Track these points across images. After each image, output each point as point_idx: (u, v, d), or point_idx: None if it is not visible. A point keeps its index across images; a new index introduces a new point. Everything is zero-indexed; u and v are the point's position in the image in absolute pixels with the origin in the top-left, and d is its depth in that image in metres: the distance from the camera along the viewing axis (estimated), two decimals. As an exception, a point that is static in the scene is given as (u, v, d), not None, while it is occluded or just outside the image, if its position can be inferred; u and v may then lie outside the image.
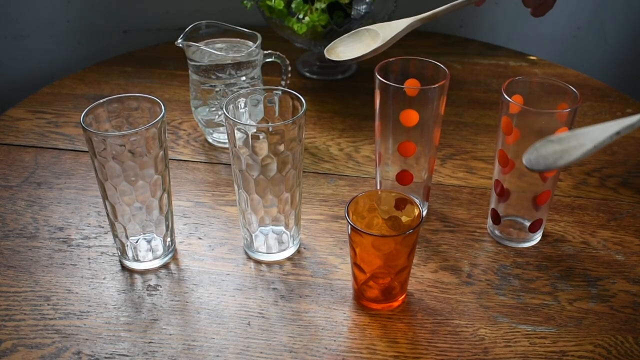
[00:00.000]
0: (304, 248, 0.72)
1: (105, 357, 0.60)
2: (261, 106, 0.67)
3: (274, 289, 0.67)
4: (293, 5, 0.94)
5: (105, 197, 0.65)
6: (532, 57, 1.10)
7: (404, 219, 0.63)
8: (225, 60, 0.81)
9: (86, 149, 0.63)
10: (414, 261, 0.69)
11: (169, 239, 0.69)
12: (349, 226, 0.60)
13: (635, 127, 0.55)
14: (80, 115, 0.61)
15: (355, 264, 0.62)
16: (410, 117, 0.68)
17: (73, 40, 1.23)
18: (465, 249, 0.72)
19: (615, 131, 0.54)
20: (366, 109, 0.96)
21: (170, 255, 0.70)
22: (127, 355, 0.60)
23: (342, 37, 0.73)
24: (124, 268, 0.69)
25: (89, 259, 0.70)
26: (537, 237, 0.72)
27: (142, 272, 0.69)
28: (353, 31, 0.73)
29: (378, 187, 0.76)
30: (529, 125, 0.64)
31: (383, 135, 0.71)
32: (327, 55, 0.71)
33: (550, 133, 0.63)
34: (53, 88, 1.01)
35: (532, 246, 0.72)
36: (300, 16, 0.94)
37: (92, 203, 0.78)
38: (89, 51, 1.23)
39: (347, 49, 0.72)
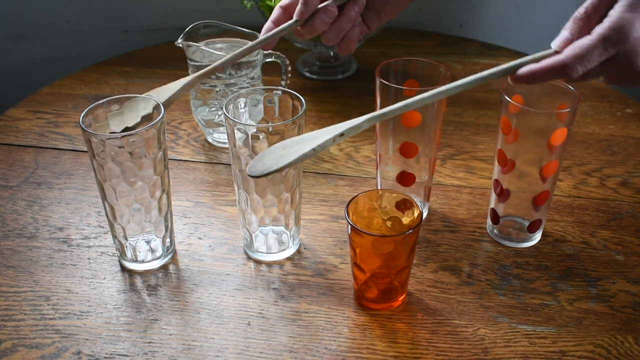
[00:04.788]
0: (304, 248, 0.72)
1: (105, 357, 0.60)
2: (261, 106, 0.67)
3: (274, 289, 0.67)
4: (293, 5, 0.94)
5: (104, 197, 0.65)
6: (532, 57, 1.10)
7: (404, 219, 0.63)
8: (225, 60, 0.81)
9: (86, 149, 0.63)
10: (414, 261, 0.69)
11: (168, 240, 0.69)
12: (349, 226, 0.60)
13: (362, 128, 0.56)
14: (80, 115, 0.61)
15: (355, 264, 0.62)
16: (412, 118, 0.68)
17: (73, 40, 1.23)
18: (465, 249, 0.72)
19: (338, 133, 0.54)
20: (366, 109, 0.95)
21: (169, 256, 0.70)
22: (127, 355, 0.60)
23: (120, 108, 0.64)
24: (123, 268, 0.69)
25: (89, 259, 0.70)
26: (537, 237, 0.72)
27: (142, 273, 0.69)
28: (129, 102, 0.65)
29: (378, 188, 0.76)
30: (528, 125, 0.64)
31: (384, 136, 0.71)
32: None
33: (549, 133, 0.63)
34: (53, 88, 1.01)
35: (532, 246, 0.72)
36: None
37: (92, 203, 0.78)
38: (89, 51, 1.23)
39: (120, 119, 0.65)
